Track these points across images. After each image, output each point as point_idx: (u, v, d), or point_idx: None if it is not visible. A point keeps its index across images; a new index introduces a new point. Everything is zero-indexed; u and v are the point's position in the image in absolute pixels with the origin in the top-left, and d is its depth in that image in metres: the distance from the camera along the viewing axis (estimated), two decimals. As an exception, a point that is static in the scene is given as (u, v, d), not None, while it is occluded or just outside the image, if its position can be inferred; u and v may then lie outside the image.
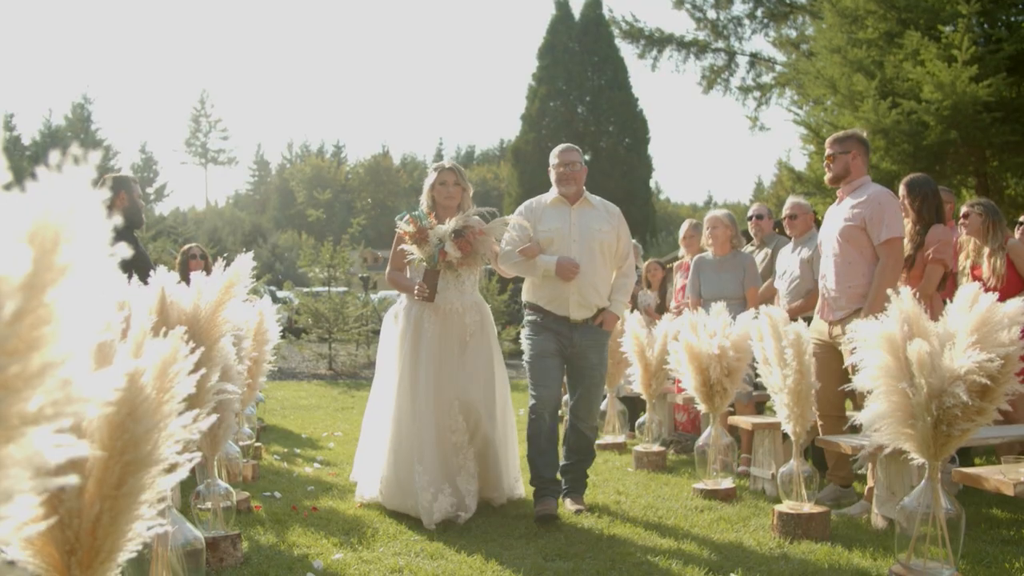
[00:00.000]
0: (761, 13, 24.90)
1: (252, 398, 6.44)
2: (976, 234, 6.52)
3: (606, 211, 6.04)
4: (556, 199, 5.99)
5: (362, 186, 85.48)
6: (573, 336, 5.81)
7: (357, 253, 17.04)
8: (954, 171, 14.69)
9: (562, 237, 5.86)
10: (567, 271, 5.71)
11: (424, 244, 5.65)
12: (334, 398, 12.59)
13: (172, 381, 2.33)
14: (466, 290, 5.88)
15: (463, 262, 5.66)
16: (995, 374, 3.47)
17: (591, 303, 5.83)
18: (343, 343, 16.41)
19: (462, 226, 5.64)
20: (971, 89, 12.35)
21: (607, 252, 5.92)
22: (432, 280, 5.67)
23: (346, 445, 8.47)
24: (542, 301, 5.87)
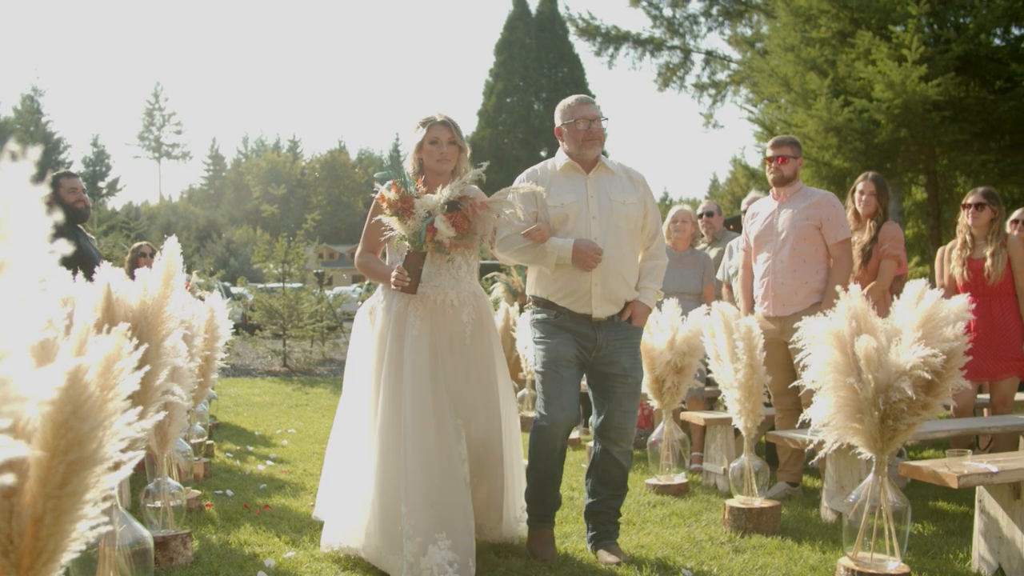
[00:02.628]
0: (716, 11, 25.10)
1: (204, 395, 6.36)
2: (984, 228, 6.49)
3: (628, 178, 4.86)
4: (567, 165, 4.76)
5: (318, 182, 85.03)
6: (597, 337, 4.68)
7: (312, 249, 16.91)
8: (904, 169, 14.90)
9: (578, 213, 4.67)
10: (587, 257, 4.54)
11: (408, 217, 4.37)
12: (288, 395, 12.50)
13: (117, 378, 2.30)
14: (461, 278, 4.66)
15: (457, 243, 4.41)
16: (940, 369, 3.52)
17: (618, 296, 4.70)
18: (297, 340, 16.31)
19: (458, 197, 4.41)
20: (921, 88, 12.53)
21: (634, 229, 4.77)
22: (416, 265, 4.43)
23: (300, 443, 8.42)
24: (556, 296, 4.71)
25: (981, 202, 6.40)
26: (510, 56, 39.95)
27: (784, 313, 5.78)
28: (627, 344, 4.75)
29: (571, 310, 4.69)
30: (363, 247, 4.83)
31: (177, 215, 73.67)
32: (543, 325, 4.78)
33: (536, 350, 4.80)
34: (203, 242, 60.66)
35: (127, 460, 2.29)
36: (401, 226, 4.41)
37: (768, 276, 5.95)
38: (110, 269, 3.65)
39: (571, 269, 4.63)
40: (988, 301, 6.20)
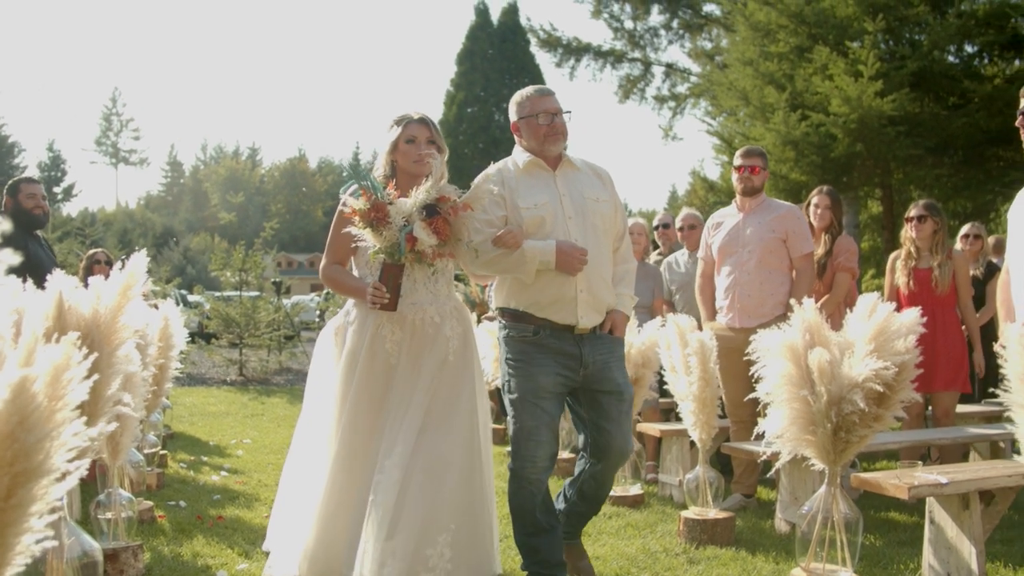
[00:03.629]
0: (677, 24, 25.29)
1: (158, 405, 6.30)
2: (927, 240, 6.58)
3: (596, 175, 4.45)
4: (531, 163, 4.29)
5: (277, 190, 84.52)
6: (582, 354, 4.16)
7: (270, 257, 16.81)
8: (860, 182, 15.09)
9: (554, 214, 4.19)
10: (573, 259, 4.06)
11: (383, 227, 3.91)
12: (244, 404, 12.39)
13: (65, 389, 2.26)
14: (440, 291, 4.21)
15: (440, 251, 4.00)
16: (891, 382, 3.57)
17: (603, 302, 4.25)
18: (254, 348, 16.17)
19: (435, 199, 3.97)
20: (876, 103, 12.70)
21: (608, 229, 4.36)
22: (395, 279, 3.97)
23: (255, 453, 8.35)
24: (535, 306, 4.17)
25: (923, 214, 6.51)
26: (471, 66, 40.03)
27: (749, 324, 5.80)
28: (614, 357, 4.28)
29: (552, 321, 4.15)
30: (329, 258, 4.32)
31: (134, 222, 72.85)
32: (519, 345, 4.20)
33: (510, 375, 4.21)
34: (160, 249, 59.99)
35: (74, 471, 2.25)
36: (376, 237, 3.94)
37: (734, 287, 5.99)
38: (63, 277, 3.60)
39: (552, 276, 4.12)
40: (933, 311, 6.28)
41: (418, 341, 4.12)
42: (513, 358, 4.21)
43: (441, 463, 3.94)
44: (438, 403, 4.06)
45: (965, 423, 6.74)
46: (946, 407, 6.47)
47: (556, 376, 4.14)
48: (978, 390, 7.35)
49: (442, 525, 3.86)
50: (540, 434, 4.13)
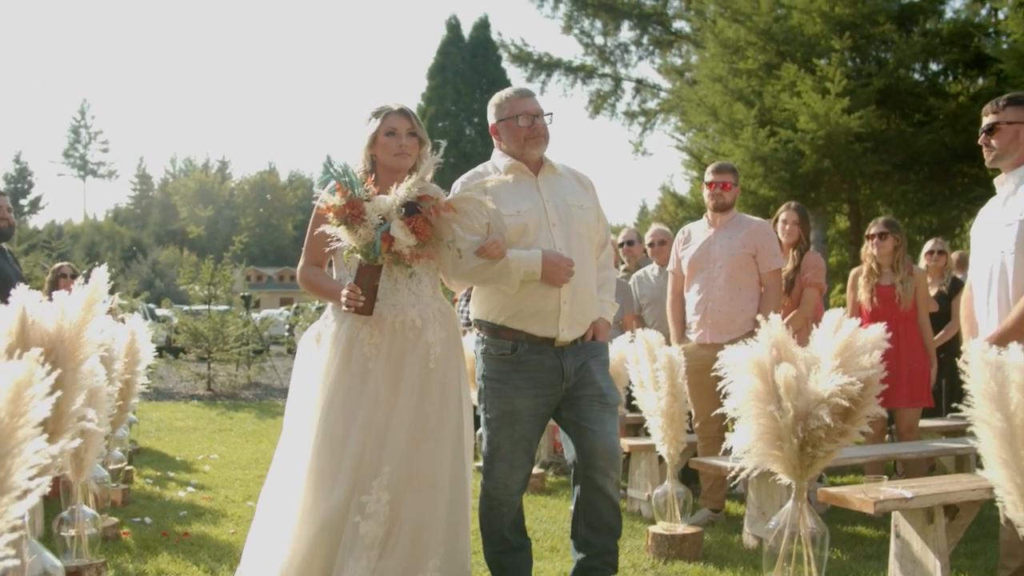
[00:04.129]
0: (647, 41, 25.43)
1: (123, 420, 6.23)
2: (888, 257, 6.64)
3: (577, 181, 4.28)
4: (512, 167, 4.09)
5: (247, 203, 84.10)
6: (564, 367, 3.99)
7: (239, 271, 16.71)
8: (828, 198, 15.21)
9: (538, 222, 4.00)
10: (560, 270, 3.90)
11: (358, 225, 3.69)
12: (212, 419, 12.30)
13: (27, 405, 2.24)
14: (423, 293, 3.96)
15: (419, 252, 3.76)
16: (856, 397, 3.59)
17: (587, 315, 4.08)
18: (223, 363, 16.06)
19: (417, 196, 3.76)
20: (843, 120, 12.82)
21: (592, 237, 4.19)
22: (371, 281, 3.75)
23: (222, 468, 8.28)
24: (514, 318, 3.98)
25: (884, 231, 6.58)
26: (443, 81, 40.09)
27: (720, 340, 5.81)
28: (597, 362, 4.10)
29: (532, 334, 3.97)
30: (306, 259, 4.10)
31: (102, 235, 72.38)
32: (496, 363, 4.02)
33: (486, 394, 4.05)
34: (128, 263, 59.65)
35: (36, 488, 2.23)
36: (351, 236, 3.73)
37: (704, 303, 6.01)
38: (27, 291, 3.56)
39: (535, 286, 3.94)
40: (897, 327, 6.33)
41: (398, 345, 3.86)
42: (490, 376, 4.03)
43: (431, 485, 3.76)
44: (423, 417, 3.82)
45: (929, 437, 6.79)
46: (910, 422, 6.53)
47: (535, 399, 3.97)
48: (941, 403, 7.41)
49: (433, 549, 3.72)
50: (515, 458, 4.01)
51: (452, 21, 41.03)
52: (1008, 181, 4.19)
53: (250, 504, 6.54)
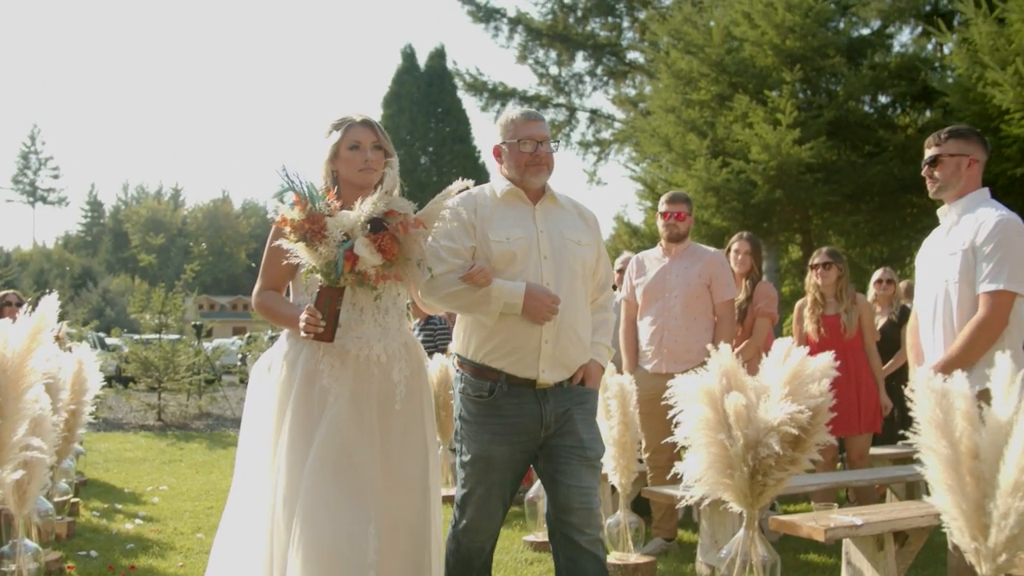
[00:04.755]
0: (601, 71, 25.67)
1: (69, 451, 6.13)
2: (832, 286, 6.72)
3: (580, 215, 4.03)
4: (510, 192, 3.88)
5: (200, 231, 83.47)
6: (544, 413, 3.75)
7: (191, 300, 16.54)
8: (780, 228, 15.37)
9: (527, 251, 3.77)
10: (542, 306, 3.65)
11: (319, 242, 3.38)
12: (162, 450, 12.12)
13: (-35, 436, 2.19)
14: (390, 325, 3.66)
15: (385, 273, 3.46)
16: (806, 425, 3.61)
17: (571, 358, 3.82)
18: (173, 393, 15.86)
19: (383, 212, 3.47)
20: (795, 151, 12.98)
21: (587, 276, 3.94)
22: (332, 304, 3.42)
23: (171, 500, 8.15)
24: (492, 356, 3.75)
25: (828, 261, 6.70)
26: (398, 109, 40.09)
27: (675, 370, 5.82)
28: (582, 410, 3.84)
29: (511, 375, 3.72)
30: (262, 282, 3.75)
31: (51, 262, 71.48)
32: (473, 404, 3.79)
33: (462, 436, 3.85)
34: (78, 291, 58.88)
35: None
36: (310, 254, 3.41)
37: (660, 332, 6.03)
38: (-33, 320, 3.49)
39: (515, 321, 3.69)
40: (845, 356, 6.40)
41: (361, 381, 3.55)
42: (466, 419, 3.81)
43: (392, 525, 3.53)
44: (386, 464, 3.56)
45: (880, 465, 6.85)
46: (860, 449, 6.59)
47: (511, 446, 3.74)
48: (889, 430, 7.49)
49: None
50: (488, 504, 3.80)
51: (407, 50, 41.11)
52: (951, 212, 4.27)
53: (199, 536, 6.45)
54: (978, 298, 4.02)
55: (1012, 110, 10.66)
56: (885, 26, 15.69)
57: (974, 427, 2.87)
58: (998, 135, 11.03)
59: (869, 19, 16.00)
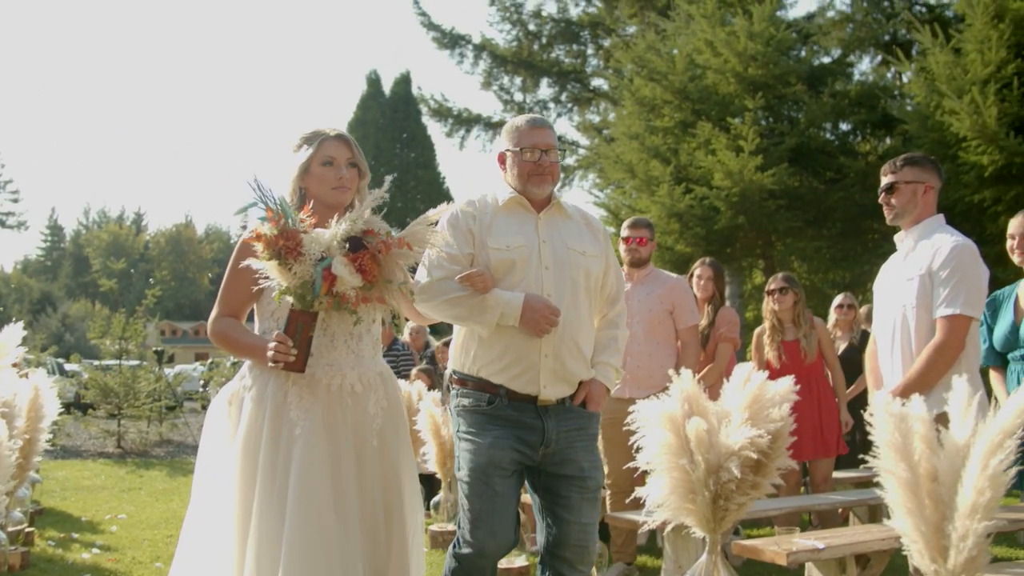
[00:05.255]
0: (565, 97, 25.82)
1: (25, 479, 6.03)
2: (789, 312, 6.77)
3: (587, 225, 3.89)
4: (513, 200, 3.75)
5: (162, 256, 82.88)
6: (546, 428, 3.61)
7: (153, 325, 16.37)
8: (743, 254, 15.49)
9: (527, 260, 3.63)
10: (541, 318, 3.52)
11: (294, 260, 3.10)
12: (121, 478, 11.95)
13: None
14: (364, 352, 3.39)
15: (366, 296, 3.17)
16: (766, 449, 3.62)
17: (572, 372, 3.70)
18: (134, 420, 15.65)
19: (362, 230, 3.21)
20: (757, 178, 13.10)
21: (593, 288, 3.80)
22: (304, 330, 3.14)
23: (130, 528, 8.03)
24: (491, 370, 3.61)
25: (784, 286, 6.76)
26: (363, 135, 40.16)
27: (637, 395, 5.83)
28: (583, 436, 3.72)
29: (511, 389, 3.58)
30: (220, 308, 3.42)
31: (9, 287, 70.61)
32: (471, 416, 3.61)
33: (461, 450, 3.65)
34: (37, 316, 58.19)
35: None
36: (282, 274, 3.11)
37: (623, 357, 6.03)
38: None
39: (514, 334, 3.55)
40: (807, 381, 6.46)
41: (333, 413, 3.27)
42: (464, 431, 3.63)
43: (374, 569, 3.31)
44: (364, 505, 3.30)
45: (842, 488, 6.88)
46: (825, 473, 6.63)
47: (511, 451, 3.55)
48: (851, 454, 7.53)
49: None
50: (492, 521, 3.52)
51: (372, 76, 41.26)
52: (908, 237, 4.34)
53: (158, 565, 6.35)
54: (935, 322, 4.08)
55: (969, 138, 10.84)
56: (845, 55, 15.97)
57: (932, 450, 2.88)
58: (956, 162, 11.21)
59: (830, 48, 16.28)
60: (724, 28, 14.13)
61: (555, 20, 24.81)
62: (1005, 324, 4.66)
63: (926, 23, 12.38)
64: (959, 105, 10.74)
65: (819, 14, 16.99)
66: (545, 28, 24.94)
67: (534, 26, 24.91)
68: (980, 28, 11.28)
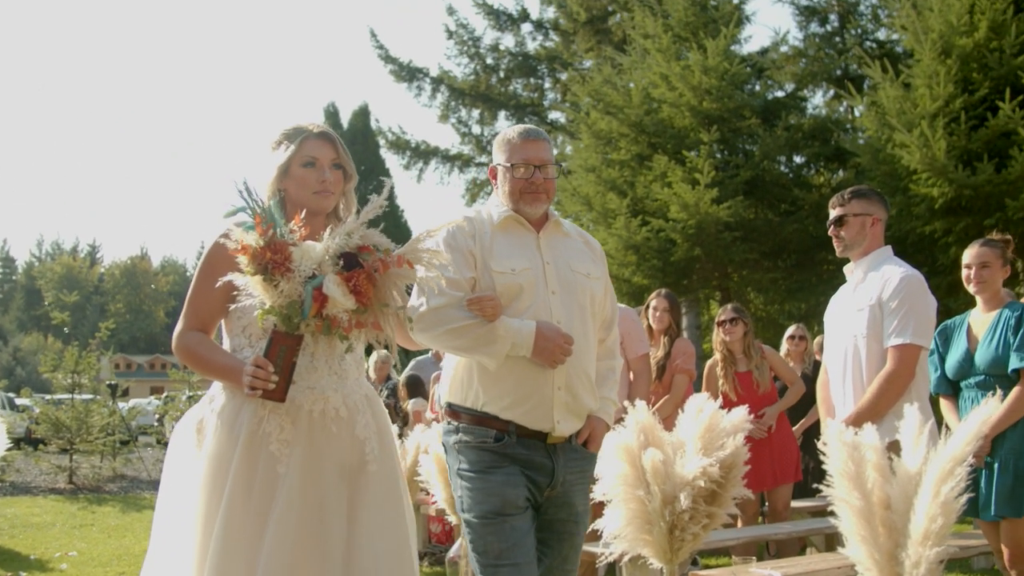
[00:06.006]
0: (523, 131, 25.92)
1: (-28, 516, 5.91)
2: (739, 342, 6.84)
3: (587, 245, 3.66)
4: (509, 219, 3.45)
5: (117, 289, 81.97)
6: (556, 467, 3.37)
7: (106, 359, 16.15)
8: (700, 285, 15.59)
9: (534, 285, 3.35)
10: (555, 347, 3.23)
11: (281, 276, 2.74)
12: (72, 514, 11.74)
13: None
14: (348, 372, 3.05)
15: (361, 320, 2.81)
16: (720, 479, 3.64)
17: (583, 405, 3.44)
18: (86, 454, 15.41)
19: (357, 246, 2.85)
20: (713, 210, 13.22)
21: (597, 313, 3.56)
22: (287, 355, 2.78)
23: (80, 566, 7.88)
24: (498, 403, 3.30)
25: (734, 317, 6.83)
26: (321, 167, 40.12)
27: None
28: (583, 478, 3.53)
29: (521, 425, 3.29)
30: (187, 321, 3.04)
31: (-40, 321, 69.41)
32: (476, 452, 3.31)
33: (466, 489, 3.33)
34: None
35: None
36: (267, 291, 2.75)
37: None
38: None
39: (524, 365, 3.26)
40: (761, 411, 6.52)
41: (319, 443, 2.92)
42: (470, 470, 3.31)
43: None
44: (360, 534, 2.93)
45: (799, 517, 6.92)
46: (784, 500, 6.67)
47: (523, 489, 3.29)
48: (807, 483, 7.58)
49: None
50: (515, 555, 3.23)
51: (331, 108, 41.23)
52: (857, 269, 4.42)
53: (108, 603, 6.24)
54: (886, 352, 4.14)
55: (919, 170, 11.01)
56: (799, 89, 16.21)
57: (885, 478, 2.91)
58: (907, 194, 11.38)
59: (783, 82, 16.52)
60: (679, 62, 14.30)
61: (512, 54, 24.99)
62: (959, 352, 4.73)
63: (876, 58, 12.58)
64: (909, 138, 10.92)
65: (772, 49, 17.23)
66: (503, 62, 25.09)
67: (491, 60, 25.05)
68: (928, 63, 11.51)
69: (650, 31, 15.07)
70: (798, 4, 17.94)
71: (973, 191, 10.72)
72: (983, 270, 4.69)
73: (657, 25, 14.86)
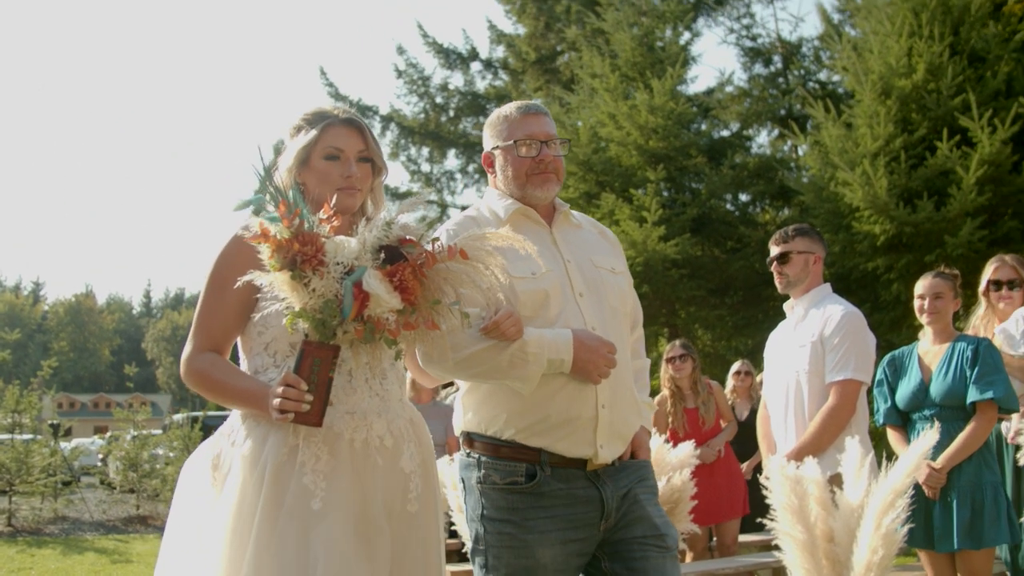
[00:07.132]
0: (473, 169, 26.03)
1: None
2: (688, 379, 6.90)
3: (602, 235, 3.16)
4: (518, 213, 2.93)
5: (61, 327, 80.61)
6: (604, 498, 2.79)
7: (49, 398, 15.84)
8: (648, 322, 15.65)
9: (560, 289, 2.82)
10: (598, 358, 2.71)
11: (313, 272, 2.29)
12: (10, 558, 11.46)
13: None
14: (390, 392, 2.61)
15: (410, 322, 2.36)
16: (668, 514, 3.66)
17: (630, 425, 2.93)
18: (26, 496, 15.06)
19: (398, 238, 2.39)
20: (660, 247, 13.33)
21: (628, 314, 3.06)
22: (323, 369, 2.32)
23: (20, 610, 7.70)
24: (532, 432, 2.76)
25: (683, 354, 6.90)
26: (270, 203, 39.92)
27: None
28: (645, 488, 2.91)
29: (555, 453, 2.74)
30: (197, 341, 2.58)
31: None
32: (504, 496, 2.76)
33: (490, 543, 2.78)
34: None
35: None
36: (298, 291, 2.30)
37: None
38: None
39: (561, 381, 2.73)
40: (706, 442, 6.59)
41: (362, 478, 2.48)
42: (496, 517, 2.76)
43: None
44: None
45: (746, 551, 6.96)
46: (733, 534, 6.72)
47: (564, 546, 2.73)
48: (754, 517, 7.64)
49: None
50: None
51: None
52: (798, 306, 4.49)
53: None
54: (828, 387, 4.20)
55: (862, 208, 11.21)
56: (744, 128, 16.46)
57: (828, 512, 2.95)
58: (850, 231, 11.57)
59: (729, 121, 16.76)
60: (626, 102, 14.46)
61: (462, 93, 25.12)
62: (912, 384, 4.75)
63: (819, 99, 12.84)
64: (851, 177, 11.12)
65: (718, 89, 17.48)
66: (452, 101, 25.21)
67: (441, 99, 25.15)
68: (869, 104, 11.75)
69: (598, 71, 15.23)
70: (743, 46, 18.29)
71: (914, 228, 10.93)
72: (936, 301, 4.75)
73: (605, 65, 15.02)
